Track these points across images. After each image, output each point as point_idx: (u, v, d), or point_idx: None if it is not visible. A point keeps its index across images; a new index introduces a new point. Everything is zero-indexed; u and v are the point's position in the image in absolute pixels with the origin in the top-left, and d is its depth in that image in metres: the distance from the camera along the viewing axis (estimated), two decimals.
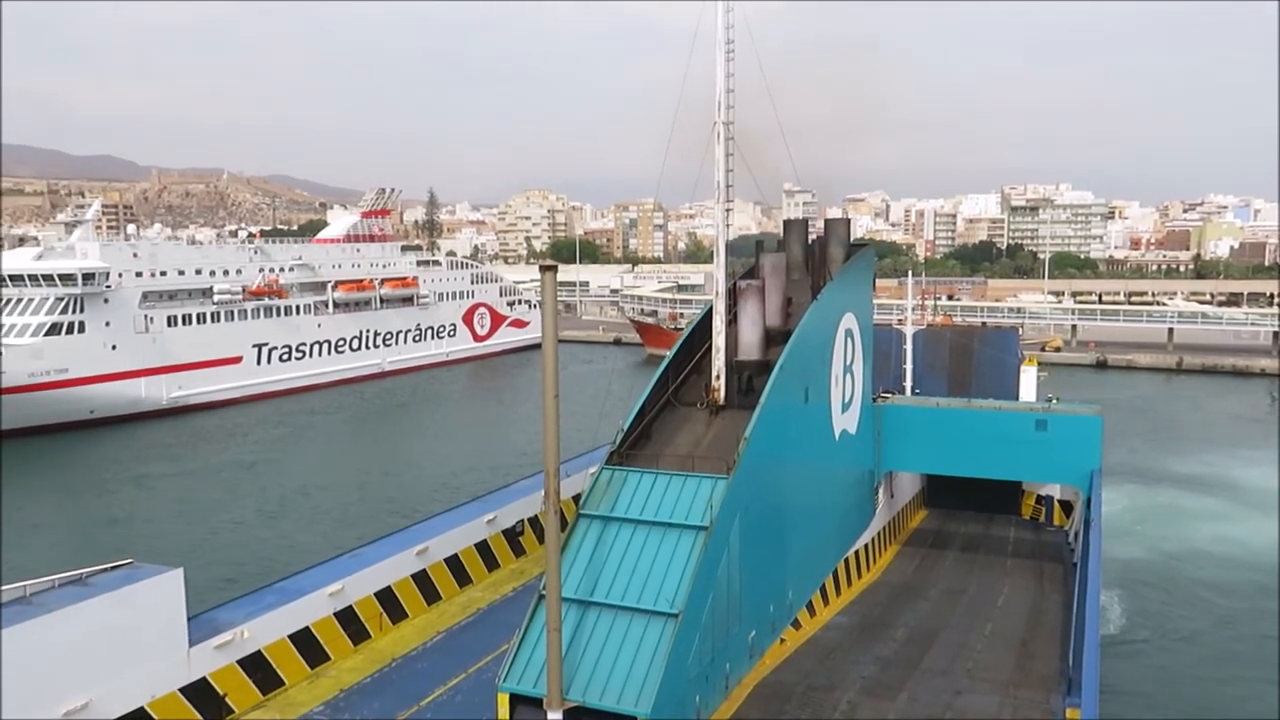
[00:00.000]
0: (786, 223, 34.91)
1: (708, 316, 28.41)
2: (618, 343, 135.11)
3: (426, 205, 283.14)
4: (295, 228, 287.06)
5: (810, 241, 34.28)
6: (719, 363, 27.11)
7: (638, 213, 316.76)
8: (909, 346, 47.86)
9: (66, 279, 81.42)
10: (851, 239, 35.33)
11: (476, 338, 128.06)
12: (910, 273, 68.48)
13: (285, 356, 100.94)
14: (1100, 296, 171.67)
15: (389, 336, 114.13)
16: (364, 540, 30.09)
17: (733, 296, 28.20)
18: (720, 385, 27.19)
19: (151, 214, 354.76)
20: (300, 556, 36.48)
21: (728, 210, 27.37)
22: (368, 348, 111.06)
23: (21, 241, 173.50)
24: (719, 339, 27.04)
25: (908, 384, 47.31)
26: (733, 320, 27.90)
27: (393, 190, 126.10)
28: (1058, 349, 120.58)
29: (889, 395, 39.99)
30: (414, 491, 59.81)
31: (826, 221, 34.57)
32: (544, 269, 20.03)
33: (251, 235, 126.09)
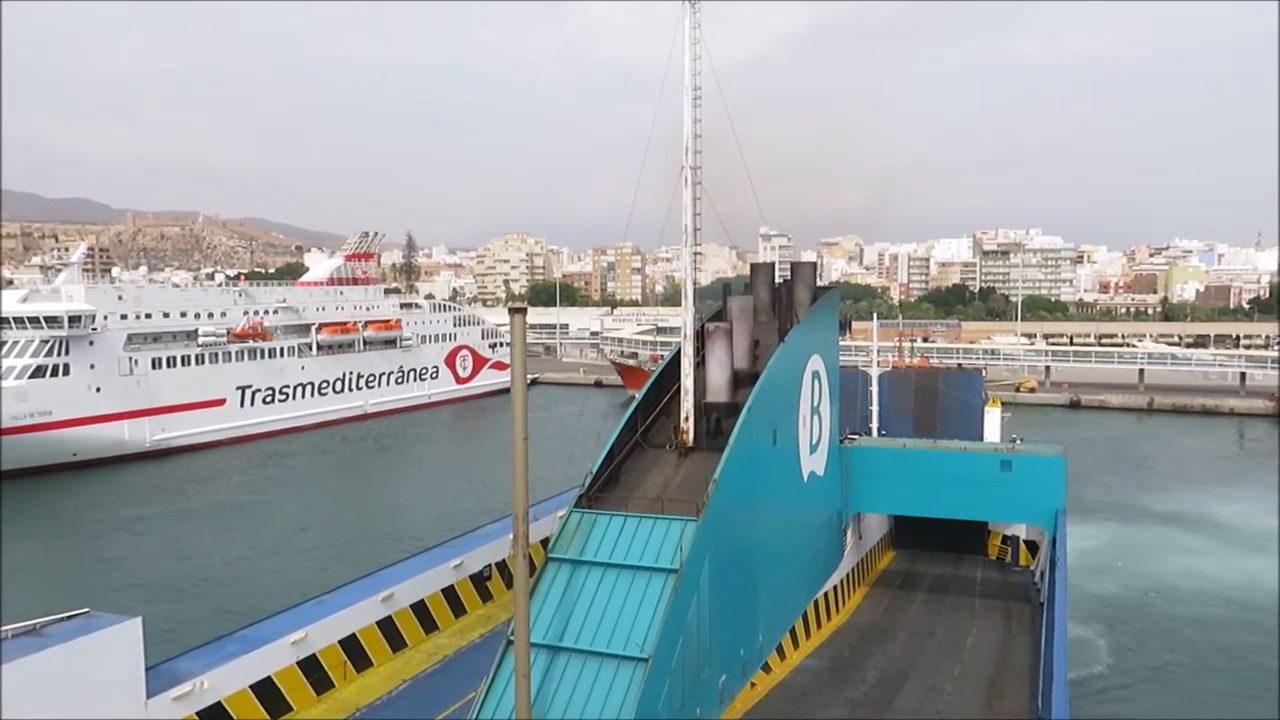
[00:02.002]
0: (753, 266, 35.36)
1: (676, 358, 28.58)
2: (599, 385, 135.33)
3: (404, 248, 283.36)
4: (272, 270, 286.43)
5: (777, 284, 34.68)
6: (688, 405, 27.22)
7: (615, 256, 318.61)
8: (874, 388, 48.27)
9: (52, 321, 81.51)
10: (825, 282, 35.79)
11: (459, 380, 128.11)
12: (875, 315, 69.33)
13: (269, 399, 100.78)
14: (1071, 338, 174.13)
15: (372, 379, 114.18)
16: (330, 586, 29.64)
17: (701, 339, 28.39)
18: (689, 427, 27.27)
19: (126, 257, 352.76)
20: (288, 597, 35.70)
21: (696, 254, 27.69)
22: (351, 390, 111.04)
23: (9, 284, 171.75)
24: (687, 381, 27.17)
25: (874, 425, 47.62)
26: (701, 362, 28.07)
27: (376, 234, 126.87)
28: (1032, 390, 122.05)
29: (856, 437, 40.25)
30: (404, 530, 59.49)
31: (793, 265, 35.06)
32: (513, 311, 20.12)
33: (236, 277, 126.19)
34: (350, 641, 26.57)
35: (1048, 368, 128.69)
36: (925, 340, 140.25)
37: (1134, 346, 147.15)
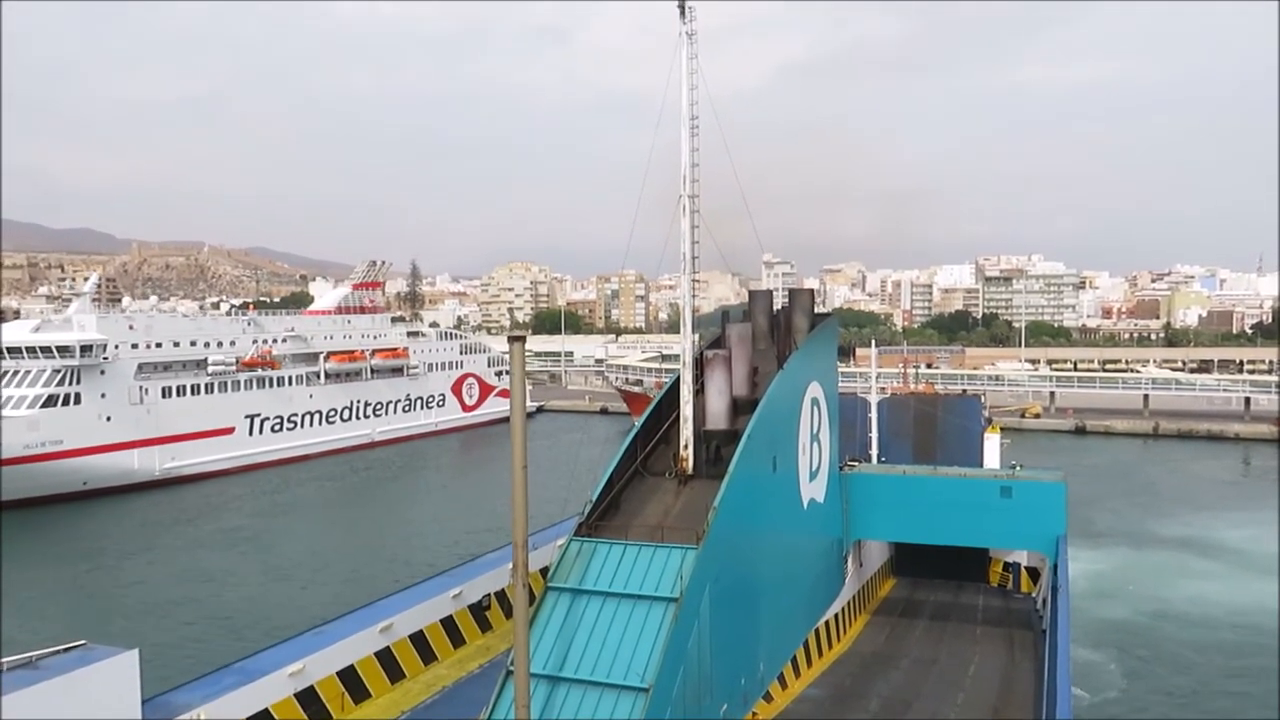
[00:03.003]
0: (752, 293, 35.49)
1: (675, 386, 28.61)
2: (604, 412, 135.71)
3: (409, 277, 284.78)
4: (277, 299, 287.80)
5: (776, 312, 34.77)
6: (687, 432, 27.22)
7: (619, 283, 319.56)
8: (874, 415, 48.23)
9: (64, 351, 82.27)
10: (829, 309, 35.95)
11: (465, 408, 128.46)
12: (874, 342, 69.80)
13: (277, 427, 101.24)
14: (1075, 364, 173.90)
15: (379, 407, 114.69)
16: (328, 618, 29.49)
17: (700, 366, 28.44)
18: (689, 455, 27.25)
19: (131, 287, 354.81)
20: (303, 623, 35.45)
21: (699, 281, 27.83)
22: (358, 418, 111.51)
23: (15, 315, 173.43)
24: (687, 408, 27.19)
25: (873, 452, 47.54)
26: (700, 390, 28.10)
27: (383, 263, 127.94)
28: (1037, 415, 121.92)
29: (855, 464, 40.15)
30: (417, 556, 59.46)
31: (791, 292, 35.19)
32: (512, 339, 20.29)
33: (245, 306, 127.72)
34: (348, 673, 26.38)
35: (1052, 393, 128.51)
36: (929, 366, 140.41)
37: (1138, 372, 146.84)
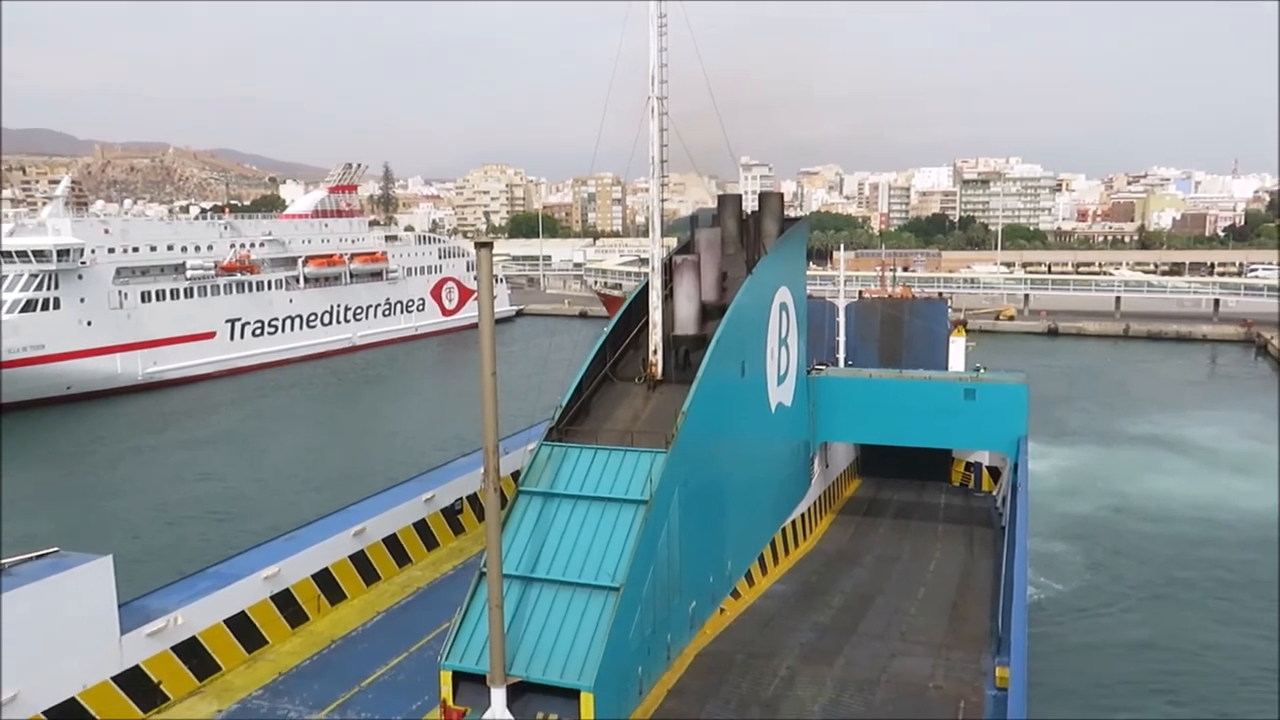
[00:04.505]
0: (721, 198, 34.96)
1: (644, 291, 28.44)
2: (583, 316, 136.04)
3: (381, 180, 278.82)
4: (248, 203, 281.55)
5: (745, 216, 34.39)
6: (656, 337, 27.17)
7: (596, 187, 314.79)
8: (841, 319, 48.38)
9: (40, 255, 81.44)
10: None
11: (445, 312, 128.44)
12: (842, 246, 70.19)
13: (258, 331, 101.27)
14: (1050, 267, 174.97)
15: (359, 311, 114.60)
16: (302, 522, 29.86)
17: (669, 271, 28.23)
18: (658, 360, 27.27)
19: (96, 189, 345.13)
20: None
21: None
22: (338, 322, 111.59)
23: None
24: (656, 314, 27.09)
25: (840, 356, 47.86)
26: (669, 295, 27.96)
27: (359, 165, 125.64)
28: (1011, 317, 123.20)
29: (823, 367, 40.40)
30: (409, 457, 59.38)
31: (760, 195, 34.67)
32: (479, 246, 19.99)
33: (220, 210, 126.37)
34: (323, 575, 26.87)
35: (1026, 296, 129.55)
36: (906, 269, 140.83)
37: (1111, 274, 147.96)
